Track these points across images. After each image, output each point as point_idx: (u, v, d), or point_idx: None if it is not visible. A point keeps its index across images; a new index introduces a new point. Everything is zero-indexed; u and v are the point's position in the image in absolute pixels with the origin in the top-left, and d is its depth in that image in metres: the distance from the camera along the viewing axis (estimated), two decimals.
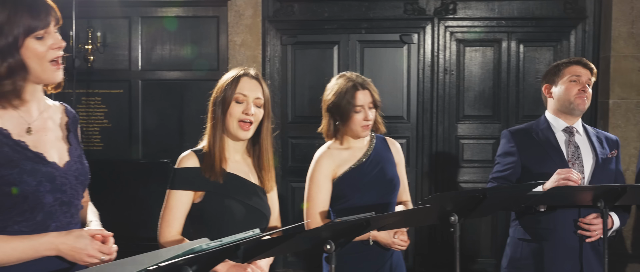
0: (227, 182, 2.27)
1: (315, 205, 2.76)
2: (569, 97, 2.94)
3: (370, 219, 1.73)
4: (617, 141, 3.06)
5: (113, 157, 5.61)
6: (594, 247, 2.89)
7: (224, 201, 2.25)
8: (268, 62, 5.57)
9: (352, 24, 5.51)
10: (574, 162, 2.92)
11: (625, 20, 5.12)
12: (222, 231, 1.96)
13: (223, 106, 2.29)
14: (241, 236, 1.53)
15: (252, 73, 2.34)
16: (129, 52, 5.59)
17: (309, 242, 1.75)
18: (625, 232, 5.20)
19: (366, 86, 2.76)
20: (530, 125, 3.07)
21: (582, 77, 2.94)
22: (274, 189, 2.47)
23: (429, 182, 5.52)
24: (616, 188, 2.45)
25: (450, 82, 5.47)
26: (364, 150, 2.84)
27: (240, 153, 2.38)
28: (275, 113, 5.58)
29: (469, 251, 5.44)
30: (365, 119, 2.73)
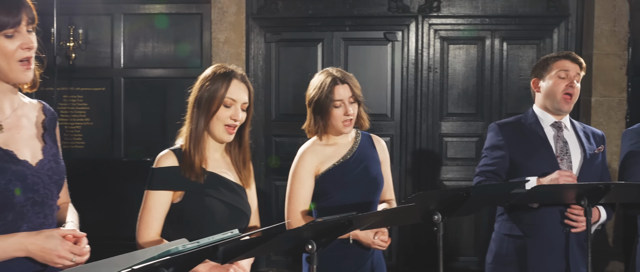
0: (207, 181, 2.24)
1: (297, 201, 2.73)
2: (555, 96, 2.91)
3: (352, 218, 1.71)
4: (603, 136, 3.06)
5: (95, 156, 5.56)
6: (579, 244, 2.89)
7: (204, 201, 2.21)
8: (252, 60, 5.55)
9: (336, 21, 5.50)
10: (563, 157, 2.90)
11: (607, 19, 5.15)
12: (203, 231, 1.92)
13: (209, 108, 2.23)
14: (219, 237, 1.51)
15: (241, 75, 2.29)
16: (112, 49, 5.53)
17: (290, 242, 1.73)
18: (608, 229, 5.24)
19: (346, 80, 2.72)
20: (518, 118, 3.04)
21: (570, 72, 2.90)
22: (253, 186, 2.44)
23: (412, 180, 5.52)
24: (600, 186, 2.44)
25: (434, 80, 5.48)
26: (349, 147, 2.81)
27: (219, 151, 2.35)
28: (258, 111, 5.57)
29: (451, 248, 5.45)
30: (345, 113, 2.68)
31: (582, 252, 2.89)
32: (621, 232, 5.25)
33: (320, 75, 2.78)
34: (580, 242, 2.90)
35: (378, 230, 2.63)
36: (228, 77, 2.24)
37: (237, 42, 5.41)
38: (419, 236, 5.43)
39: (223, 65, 2.32)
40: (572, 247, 2.86)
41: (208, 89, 2.24)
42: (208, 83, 2.25)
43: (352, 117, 2.71)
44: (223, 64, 2.35)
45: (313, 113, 2.76)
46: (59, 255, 1.78)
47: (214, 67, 2.32)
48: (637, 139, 2.88)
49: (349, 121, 2.71)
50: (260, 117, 5.57)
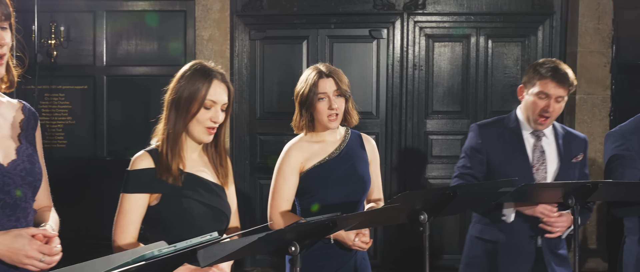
0: (185, 183, 2.17)
1: (280, 197, 2.69)
2: (532, 115, 2.87)
3: (337, 219, 1.68)
4: (585, 140, 3.01)
5: (77, 155, 5.49)
6: (551, 251, 2.88)
7: (182, 203, 2.14)
8: (236, 58, 5.50)
9: (321, 18, 5.47)
10: (539, 167, 2.89)
11: (591, 16, 5.16)
12: (182, 233, 1.89)
13: (188, 110, 2.14)
14: (197, 240, 1.47)
15: (221, 75, 2.20)
16: (94, 47, 5.46)
17: (272, 244, 1.70)
18: (590, 227, 5.25)
19: (331, 74, 2.68)
20: (501, 120, 3.01)
21: (551, 95, 2.80)
22: (232, 185, 2.38)
23: (398, 178, 5.51)
24: (587, 185, 2.43)
25: (419, 77, 5.46)
26: (336, 145, 2.77)
27: (197, 151, 2.28)
28: (243, 109, 5.54)
29: (436, 246, 5.44)
30: (329, 107, 2.64)
31: (557, 259, 2.90)
32: (605, 229, 5.27)
33: (307, 70, 2.76)
34: (552, 249, 2.89)
35: (359, 231, 2.58)
36: (209, 77, 2.15)
37: (222, 40, 5.36)
38: (405, 235, 5.41)
39: (201, 63, 2.22)
40: (545, 255, 2.86)
41: (187, 88, 2.14)
42: (186, 82, 2.15)
43: (337, 111, 2.66)
44: (201, 61, 2.25)
45: (299, 107, 2.72)
46: (27, 255, 1.71)
47: (191, 65, 2.22)
48: (621, 141, 2.86)
49: (334, 116, 2.67)
50: (245, 115, 5.53)
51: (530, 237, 2.86)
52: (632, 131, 2.86)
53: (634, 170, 2.80)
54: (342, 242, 2.64)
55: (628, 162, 2.81)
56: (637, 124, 2.87)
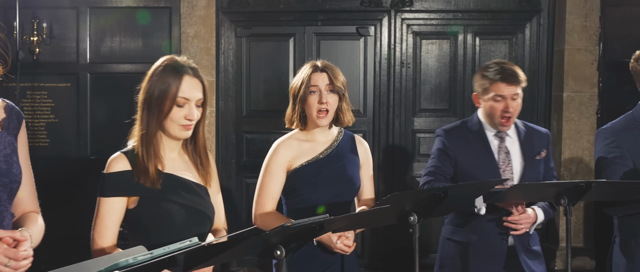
0: (164, 184, 2.09)
1: (265, 195, 2.65)
2: (493, 119, 2.90)
3: (324, 222, 1.63)
4: (548, 135, 3.05)
5: (60, 153, 5.41)
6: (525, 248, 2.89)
7: (162, 205, 2.06)
8: (222, 55, 5.44)
9: (308, 15, 5.42)
10: (505, 168, 2.91)
11: (579, 14, 5.15)
12: (162, 237, 1.83)
13: (160, 109, 2.06)
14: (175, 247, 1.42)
15: (193, 69, 2.12)
16: (77, 44, 5.37)
17: (256, 248, 1.64)
18: (577, 226, 5.25)
19: (325, 69, 2.66)
20: (464, 123, 3.03)
21: (506, 96, 2.84)
22: (216, 186, 2.30)
23: (385, 177, 5.48)
24: (581, 185, 2.41)
25: (406, 75, 5.43)
26: (327, 145, 2.71)
27: (176, 150, 2.19)
28: (229, 107, 5.48)
29: (423, 246, 5.39)
30: (319, 101, 2.59)
31: (531, 255, 2.91)
32: (592, 227, 5.26)
33: (304, 65, 2.74)
34: (526, 246, 2.90)
35: (342, 233, 2.51)
36: (179, 73, 2.06)
37: (207, 37, 5.30)
38: (392, 234, 5.38)
39: (172, 58, 2.14)
40: (519, 254, 2.87)
41: (157, 87, 2.07)
42: (157, 80, 2.07)
43: (327, 107, 2.61)
44: (172, 56, 2.17)
45: (292, 101, 2.68)
46: None
47: (162, 61, 2.13)
48: (612, 138, 2.84)
49: (324, 112, 2.61)
50: (231, 113, 5.47)
51: (501, 236, 2.87)
52: (623, 128, 2.84)
53: (624, 168, 2.79)
54: (326, 245, 2.59)
55: (619, 160, 2.79)
56: (629, 121, 2.86)
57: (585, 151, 5.18)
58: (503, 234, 2.86)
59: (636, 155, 2.78)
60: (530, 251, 2.92)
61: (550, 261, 5.28)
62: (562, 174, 5.16)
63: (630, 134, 2.81)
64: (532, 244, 2.94)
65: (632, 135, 2.81)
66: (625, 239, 2.87)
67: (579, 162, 5.20)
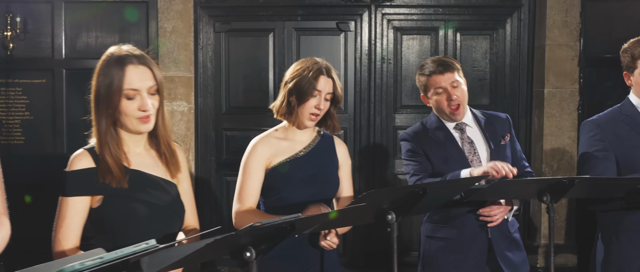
0: (131, 182, 2.01)
1: (245, 193, 2.59)
2: (444, 110, 2.92)
3: (295, 222, 1.57)
4: (508, 118, 3.07)
5: (36, 151, 5.29)
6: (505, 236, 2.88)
7: (128, 204, 1.98)
8: (201, 51, 5.35)
9: (287, 10, 5.34)
10: (472, 158, 2.90)
11: (559, 9, 5.12)
12: (128, 237, 1.75)
13: (109, 104, 1.97)
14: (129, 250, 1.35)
15: (138, 57, 2.01)
16: (52, 39, 5.26)
17: (226, 249, 1.57)
18: (559, 223, 5.23)
19: (331, 75, 2.62)
20: (423, 125, 3.03)
21: (444, 85, 2.89)
22: (186, 182, 2.22)
23: (366, 174, 5.43)
24: (564, 181, 2.37)
25: (387, 71, 5.38)
26: (305, 144, 2.68)
27: (141, 145, 2.11)
28: (208, 104, 5.39)
29: (405, 243, 5.38)
30: (316, 106, 2.55)
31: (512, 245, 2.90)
32: (574, 224, 5.25)
33: (306, 60, 2.66)
34: (506, 233, 2.89)
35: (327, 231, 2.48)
36: (122, 64, 1.97)
37: (185, 32, 5.21)
38: (374, 232, 5.34)
39: (115, 50, 2.04)
40: (497, 243, 2.85)
41: (103, 82, 1.98)
42: (102, 75, 1.98)
43: (320, 113, 2.59)
44: (117, 46, 2.07)
45: (288, 94, 2.60)
46: None
47: (106, 53, 2.04)
48: (596, 131, 2.82)
49: (315, 116, 2.59)
50: (210, 110, 5.39)
51: (481, 229, 2.86)
52: (608, 122, 2.82)
53: (606, 162, 2.76)
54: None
55: (601, 154, 2.77)
56: (615, 114, 2.85)
57: (567, 146, 5.16)
58: (483, 227, 2.85)
59: (619, 148, 2.76)
60: (511, 240, 2.91)
61: (531, 258, 5.27)
62: (544, 171, 5.14)
63: (615, 127, 2.79)
64: (512, 231, 2.93)
65: (616, 128, 2.79)
66: (607, 235, 2.85)
67: (560, 159, 5.18)
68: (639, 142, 2.74)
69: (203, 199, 5.36)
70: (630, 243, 2.76)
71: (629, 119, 2.79)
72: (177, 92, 5.20)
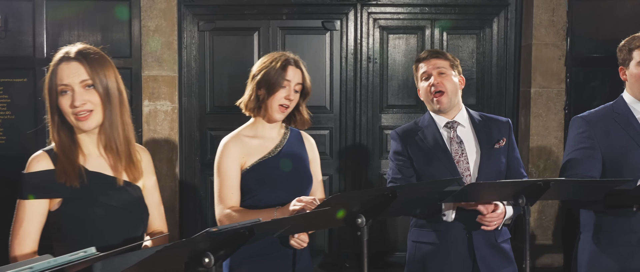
0: (88, 183, 1.96)
1: (226, 192, 2.52)
2: (427, 98, 2.87)
3: (254, 227, 1.51)
4: (508, 123, 2.95)
5: (18, 151, 5.21)
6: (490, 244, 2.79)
7: (86, 206, 1.93)
8: (184, 50, 5.29)
9: (272, 9, 5.29)
10: (459, 159, 2.81)
11: (546, 8, 5.09)
12: (86, 241, 1.69)
13: (52, 102, 1.98)
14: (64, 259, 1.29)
15: (76, 52, 1.99)
16: (34, 37, 5.18)
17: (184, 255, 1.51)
18: (546, 223, 5.20)
19: (299, 65, 2.59)
20: (416, 123, 2.95)
21: (428, 69, 2.84)
22: (151, 183, 2.16)
23: (353, 175, 5.38)
24: (539, 183, 2.32)
25: (373, 70, 5.33)
26: (276, 142, 2.62)
27: (94, 146, 2.06)
28: (192, 104, 5.33)
29: (389, 244, 5.34)
30: (286, 97, 2.51)
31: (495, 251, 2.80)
32: (561, 223, 5.22)
33: (273, 53, 2.62)
34: (491, 242, 2.79)
35: None
36: (57, 62, 1.99)
37: (169, 31, 5.14)
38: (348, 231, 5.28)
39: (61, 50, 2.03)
40: (477, 247, 2.76)
41: (49, 79, 2.00)
42: (49, 73, 2.01)
43: (289, 104, 2.53)
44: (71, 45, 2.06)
45: (257, 87, 2.55)
46: None
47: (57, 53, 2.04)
48: (585, 128, 2.77)
49: (285, 107, 2.53)
50: (194, 110, 5.33)
51: (467, 233, 2.78)
52: (598, 119, 2.78)
53: (591, 160, 2.72)
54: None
55: (587, 152, 2.73)
56: (606, 112, 2.80)
57: (553, 147, 5.13)
58: (468, 232, 2.77)
59: (606, 147, 2.72)
60: (498, 249, 2.81)
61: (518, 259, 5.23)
62: (530, 171, 5.10)
63: (604, 125, 2.75)
64: (500, 241, 2.83)
65: (606, 126, 2.75)
66: (588, 236, 2.81)
67: (547, 159, 5.14)
68: (627, 142, 2.70)
69: (187, 200, 5.30)
70: (610, 244, 2.72)
71: (621, 118, 2.75)
72: (160, 92, 5.14)
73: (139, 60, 5.15)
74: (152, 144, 5.14)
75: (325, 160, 5.34)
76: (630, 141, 2.70)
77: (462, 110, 2.90)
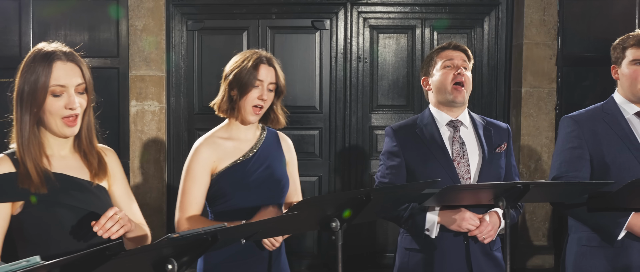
0: (53, 185, 1.90)
1: (188, 201, 2.45)
2: (445, 87, 2.72)
3: (217, 232, 1.46)
4: (508, 129, 2.87)
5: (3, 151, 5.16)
6: (485, 253, 2.70)
7: (49, 209, 1.87)
8: (173, 49, 5.24)
9: (261, 8, 5.24)
10: (459, 160, 2.70)
11: (537, 8, 5.04)
12: (51, 245, 1.64)
13: (33, 102, 1.89)
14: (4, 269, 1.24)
15: (66, 53, 1.94)
16: (20, 37, 5.12)
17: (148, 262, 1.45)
18: (537, 224, 5.16)
19: (272, 63, 2.50)
20: (415, 120, 2.84)
21: (455, 60, 2.73)
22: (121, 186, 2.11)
23: (342, 175, 5.33)
24: (518, 186, 2.27)
25: (363, 70, 5.28)
26: (251, 144, 2.54)
27: (67, 147, 2.01)
28: (180, 104, 5.28)
29: (380, 245, 5.29)
30: (260, 97, 2.43)
31: (488, 260, 2.71)
32: (551, 225, 5.18)
33: (244, 52, 2.56)
34: (485, 251, 2.70)
35: None
36: (48, 60, 1.90)
37: (157, 30, 5.09)
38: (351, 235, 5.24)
39: (42, 46, 1.97)
40: (474, 257, 2.67)
41: (28, 79, 1.90)
42: (27, 72, 1.91)
43: (263, 104, 2.46)
44: (42, 43, 2.00)
45: (229, 87, 2.49)
46: None
47: (33, 50, 1.97)
48: (574, 127, 2.73)
49: (259, 108, 2.46)
50: (183, 110, 5.28)
51: (464, 243, 2.68)
52: (587, 119, 2.74)
53: (580, 161, 2.68)
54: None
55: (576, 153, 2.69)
56: (596, 111, 2.76)
57: (544, 147, 5.09)
58: (466, 239, 2.67)
59: (594, 147, 2.68)
60: (491, 257, 2.72)
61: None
62: (521, 171, 5.05)
63: (593, 125, 2.71)
64: (494, 249, 2.74)
65: (594, 126, 2.71)
66: (576, 237, 2.78)
67: (537, 159, 5.10)
68: (615, 143, 2.66)
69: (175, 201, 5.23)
70: (596, 246, 2.68)
71: (610, 118, 2.71)
72: (148, 92, 5.08)
73: (126, 60, 5.09)
74: (139, 145, 5.09)
75: (314, 161, 5.29)
76: (618, 141, 2.66)
77: (466, 111, 2.82)
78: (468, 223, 2.57)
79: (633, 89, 2.67)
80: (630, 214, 2.56)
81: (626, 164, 2.62)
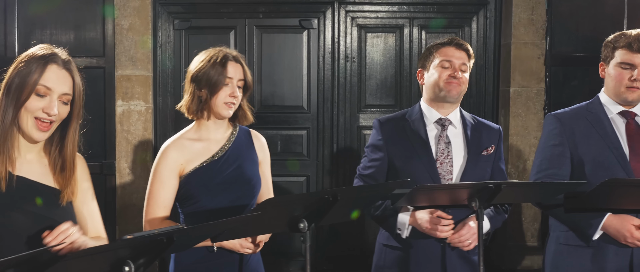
0: (12, 187, 1.86)
1: (155, 204, 2.41)
2: (438, 83, 2.66)
3: (173, 233, 1.43)
4: (499, 131, 2.82)
5: None
6: (461, 255, 2.66)
7: (5, 212, 1.83)
8: (160, 49, 5.20)
9: (249, 7, 5.20)
10: (443, 160, 2.66)
11: (525, 7, 5.01)
12: (3, 250, 1.61)
13: (19, 96, 1.85)
14: None
15: (63, 60, 1.93)
16: (5, 36, 5.09)
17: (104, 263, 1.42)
18: (526, 224, 5.13)
19: (239, 60, 2.47)
20: (403, 114, 2.78)
21: (454, 61, 2.66)
22: (86, 196, 2.07)
23: (330, 176, 5.30)
24: (490, 186, 2.23)
25: (351, 70, 5.25)
26: (221, 143, 2.49)
27: (34, 151, 1.97)
28: (167, 104, 5.24)
29: (370, 246, 5.25)
30: (231, 94, 2.40)
31: (465, 263, 2.67)
32: (541, 225, 5.15)
33: (209, 50, 2.50)
34: (463, 254, 2.66)
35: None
36: (45, 60, 1.89)
37: (143, 29, 5.05)
38: (341, 235, 5.21)
39: (49, 47, 1.96)
40: (449, 258, 2.64)
41: (20, 73, 1.88)
42: (22, 66, 1.89)
43: (236, 99, 2.43)
44: (49, 45, 1.98)
45: (197, 88, 2.43)
46: None
47: (36, 47, 1.96)
48: (556, 125, 2.72)
49: (231, 104, 2.42)
50: (170, 110, 5.25)
51: (441, 246, 2.65)
52: (569, 117, 2.73)
53: (561, 158, 2.67)
54: (227, 248, 2.38)
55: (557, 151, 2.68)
56: (580, 110, 2.75)
57: (533, 147, 5.05)
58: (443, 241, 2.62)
59: (574, 145, 2.67)
60: (468, 261, 2.68)
61: (497, 260, 5.17)
62: (509, 171, 5.03)
63: (576, 123, 2.70)
64: (471, 254, 2.69)
65: (577, 124, 2.69)
66: (555, 237, 2.77)
67: (526, 159, 5.07)
68: (596, 142, 2.64)
69: None
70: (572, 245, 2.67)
71: (593, 117, 2.69)
72: (134, 92, 5.05)
73: (112, 60, 5.06)
74: (126, 145, 5.05)
75: (302, 161, 5.26)
76: (599, 140, 2.65)
77: (457, 110, 2.77)
78: (442, 233, 2.53)
79: (616, 91, 2.66)
80: (606, 215, 2.54)
81: (606, 163, 2.60)
